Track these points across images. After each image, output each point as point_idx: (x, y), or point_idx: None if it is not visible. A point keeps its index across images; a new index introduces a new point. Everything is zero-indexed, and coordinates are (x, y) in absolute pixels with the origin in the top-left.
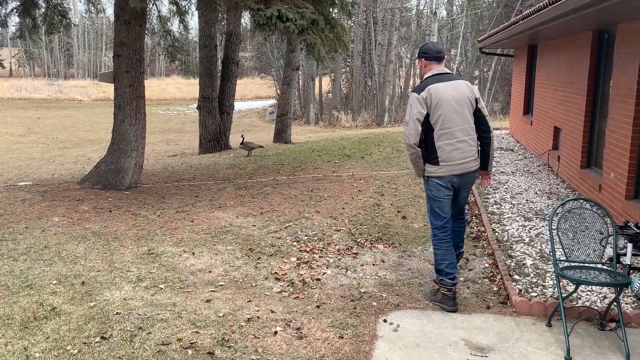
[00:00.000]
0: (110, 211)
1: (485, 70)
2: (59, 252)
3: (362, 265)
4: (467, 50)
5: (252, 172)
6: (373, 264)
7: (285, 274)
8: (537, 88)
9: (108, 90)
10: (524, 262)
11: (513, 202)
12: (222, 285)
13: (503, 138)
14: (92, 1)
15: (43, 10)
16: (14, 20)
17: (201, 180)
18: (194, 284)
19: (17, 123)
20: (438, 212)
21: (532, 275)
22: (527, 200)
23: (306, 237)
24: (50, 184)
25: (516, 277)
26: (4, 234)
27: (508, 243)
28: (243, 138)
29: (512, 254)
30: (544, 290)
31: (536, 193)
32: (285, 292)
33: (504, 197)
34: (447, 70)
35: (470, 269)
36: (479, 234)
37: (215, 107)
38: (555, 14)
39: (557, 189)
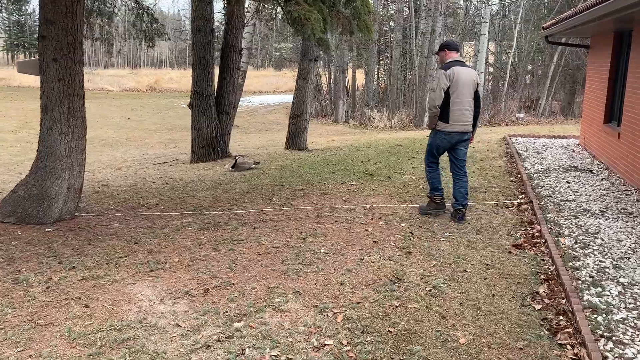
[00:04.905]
0: None
1: (539, 64)
2: None
3: None
4: (520, 42)
5: (238, 197)
6: None
7: None
8: (630, 88)
9: (144, 78)
10: None
11: (621, 281)
12: None
13: (574, 151)
14: None
15: None
16: None
17: (164, 209)
18: None
19: (17, 116)
20: (434, 154)
21: None
22: None
23: None
24: None
25: None
26: None
27: None
28: (236, 160)
29: None
30: None
31: None
32: None
33: (603, 265)
34: (463, 59)
35: None
36: None
37: (211, 105)
38: None
39: None
